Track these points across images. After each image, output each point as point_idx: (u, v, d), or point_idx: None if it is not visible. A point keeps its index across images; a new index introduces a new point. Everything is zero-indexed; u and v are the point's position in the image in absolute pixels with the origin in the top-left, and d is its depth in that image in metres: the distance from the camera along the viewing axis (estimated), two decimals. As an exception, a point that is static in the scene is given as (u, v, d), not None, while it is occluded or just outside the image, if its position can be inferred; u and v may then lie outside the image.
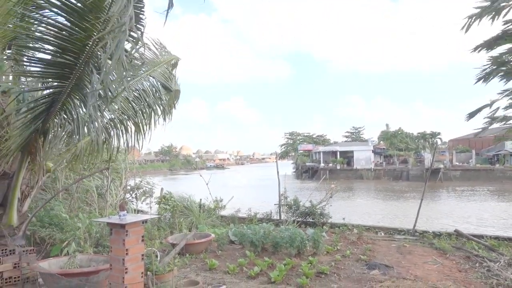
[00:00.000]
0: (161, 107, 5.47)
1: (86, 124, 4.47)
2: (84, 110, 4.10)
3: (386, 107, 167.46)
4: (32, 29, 3.47)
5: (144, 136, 5.10)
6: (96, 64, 3.37)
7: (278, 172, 11.80)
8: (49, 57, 3.51)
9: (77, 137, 4.38)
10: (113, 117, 4.77)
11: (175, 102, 6.09)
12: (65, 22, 3.18)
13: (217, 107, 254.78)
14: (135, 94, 5.00)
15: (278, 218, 10.60)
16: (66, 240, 5.57)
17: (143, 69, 5.17)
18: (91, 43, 3.19)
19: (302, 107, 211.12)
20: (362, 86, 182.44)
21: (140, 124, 5.05)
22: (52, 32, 3.27)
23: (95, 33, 3.12)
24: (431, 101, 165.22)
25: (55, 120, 4.20)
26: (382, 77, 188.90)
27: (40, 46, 3.47)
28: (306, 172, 60.83)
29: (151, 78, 5.30)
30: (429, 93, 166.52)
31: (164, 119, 5.60)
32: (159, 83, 5.40)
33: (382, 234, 9.32)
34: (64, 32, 3.23)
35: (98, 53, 3.27)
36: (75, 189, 7.84)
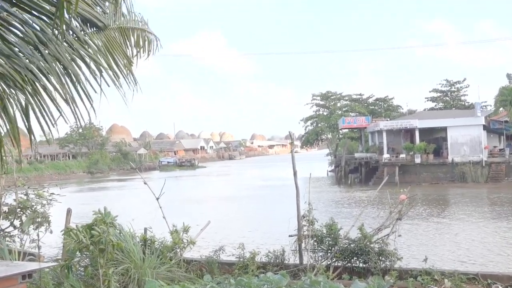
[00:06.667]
0: (87, 60, 5.48)
1: None
2: None
3: (501, 41, 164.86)
4: None
5: (43, 111, 5.06)
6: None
7: (295, 173, 11.74)
8: None
9: None
10: None
11: (130, 48, 6.29)
12: None
13: (174, 49, 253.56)
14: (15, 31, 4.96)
15: (298, 262, 10.68)
16: None
17: None
18: None
19: (333, 45, 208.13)
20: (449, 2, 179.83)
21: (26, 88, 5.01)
22: None
23: None
24: None
25: None
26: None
27: None
28: (355, 171, 61.03)
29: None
30: None
31: (102, 82, 5.71)
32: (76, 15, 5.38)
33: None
34: None
35: None
36: None
